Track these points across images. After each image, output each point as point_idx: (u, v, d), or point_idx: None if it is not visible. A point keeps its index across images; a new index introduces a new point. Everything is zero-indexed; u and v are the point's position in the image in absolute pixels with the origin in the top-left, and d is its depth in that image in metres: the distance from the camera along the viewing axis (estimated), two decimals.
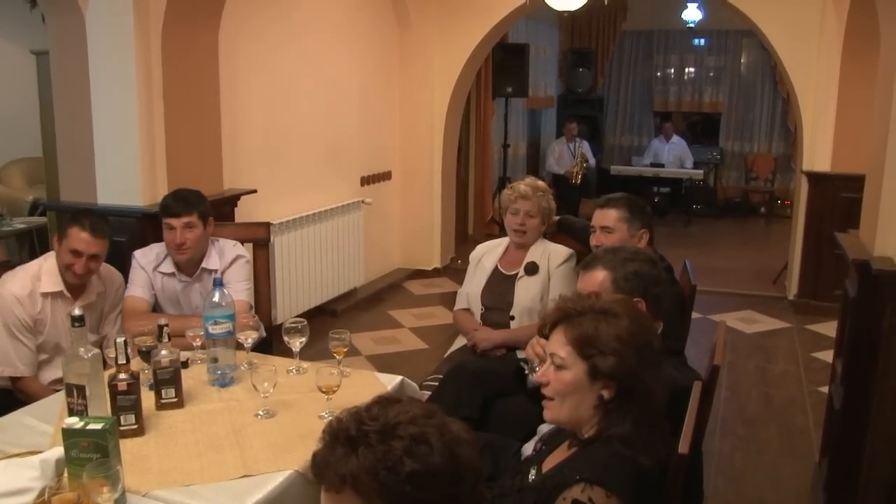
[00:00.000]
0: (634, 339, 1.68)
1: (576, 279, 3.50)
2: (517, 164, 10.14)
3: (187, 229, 3.11)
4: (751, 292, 6.79)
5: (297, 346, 2.64)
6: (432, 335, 5.61)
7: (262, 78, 5.09)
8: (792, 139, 10.63)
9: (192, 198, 3.17)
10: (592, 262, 2.31)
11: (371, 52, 6.57)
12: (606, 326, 1.70)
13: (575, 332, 1.72)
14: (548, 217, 3.53)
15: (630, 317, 1.72)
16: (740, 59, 11.47)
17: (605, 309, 1.74)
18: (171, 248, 3.15)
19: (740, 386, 4.81)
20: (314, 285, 5.68)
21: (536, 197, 3.48)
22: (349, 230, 6.11)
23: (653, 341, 1.72)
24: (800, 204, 6.29)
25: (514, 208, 3.50)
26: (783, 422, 4.30)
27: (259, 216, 4.89)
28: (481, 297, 3.50)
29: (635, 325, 1.71)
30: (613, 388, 1.68)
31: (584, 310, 1.75)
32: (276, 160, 5.31)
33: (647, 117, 12.13)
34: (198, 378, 2.61)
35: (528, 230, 3.48)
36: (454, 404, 2.73)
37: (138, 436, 2.18)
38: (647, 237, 3.01)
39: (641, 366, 1.67)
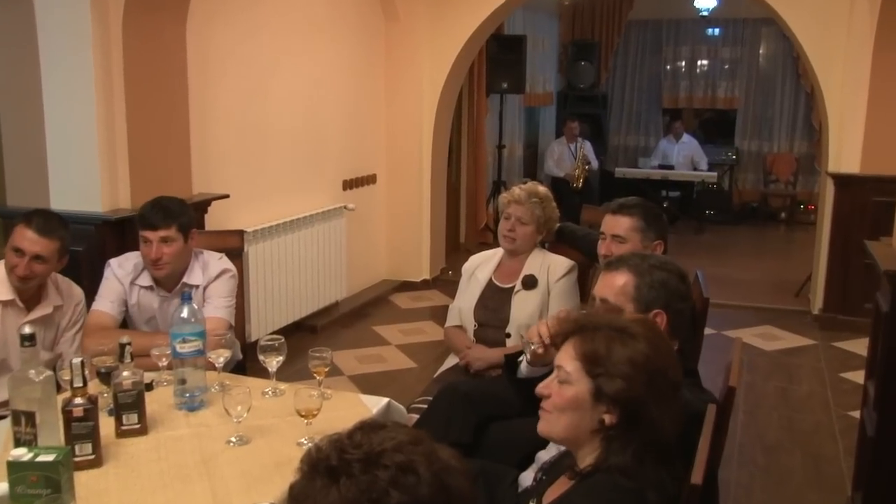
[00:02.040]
0: (648, 365, 1.68)
1: (578, 293, 3.55)
2: (513, 166, 10.16)
3: (164, 244, 3.05)
4: (770, 306, 6.80)
5: (274, 366, 2.63)
6: (421, 353, 5.60)
7: (235, 72, 5.09)
8: (816, 138, 10.67)
9: (173, 208, 3.11)
10: (617, 264, 2.31)
11: (355, 45, 6.58)
12: (620, 347, 1.70)
13: (585, 347, 1.73)
14: (544, 226, 3.54)
15: (648, 340, 1.71)
16: (758, 50, 11.52)
17: (622, 328, 1.74)
18: (146, 262, 3.12)
19: (759, 409, 4.81)
20: (292, 299, 5.67)
21: (530, 203, 3.48)
22: (330, 238, 6.10)
23: (669, 371, 1.71)
24: (825, 209, 6.28)
25: (507, 213, 3.53)
26: (809, 449, 4.28)
27: (232, 223, 4.89)
28: (474, 313, 3.51)
29: (652, 350, 1.70)
30: (616, 413, 1.68)
31: (600, 325, 1.75)
32: (250, 162, 5.31)
33: (655, 115, 12.18)
34: (164, 402, 2.60)
35: (518, 238, 3.49)
36: (445, 429, 2.73)
37: (95, 467, 2.16)
38: (661, 249, 3.02)
39: (650, 395, 1.67)
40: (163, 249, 3.06)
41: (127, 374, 2.36)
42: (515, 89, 8.73)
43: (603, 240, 3.08)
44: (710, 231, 10.36)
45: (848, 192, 6.05)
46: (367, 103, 6.88)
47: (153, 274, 3.13)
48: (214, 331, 2.81)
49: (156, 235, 3.05)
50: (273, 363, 2.63)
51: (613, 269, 2.30)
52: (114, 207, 4.11)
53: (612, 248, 3.01)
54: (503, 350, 3.36)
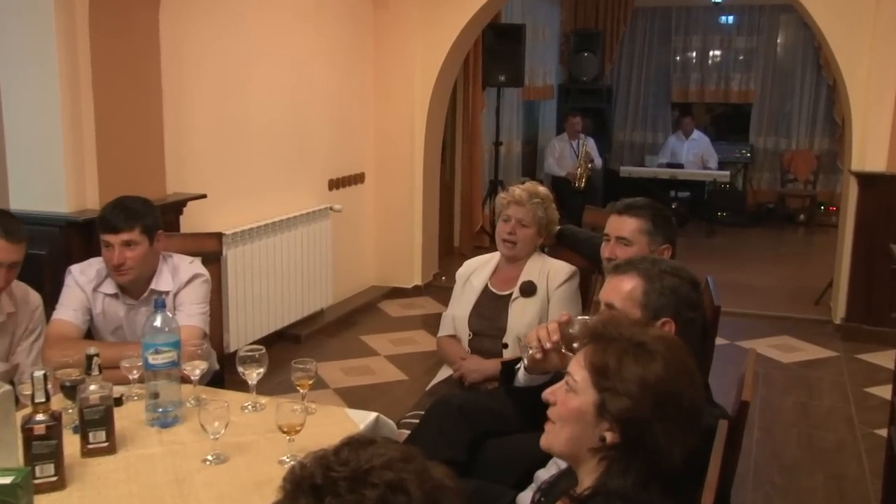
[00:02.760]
0: (659, 387, 1.66)
1: (579, 301, 3.55)
2: (511, 164, 10.17)
3: (127, 248, 3.03)
4: (788, 315, 6.81)
5: (254, 379, 2.63)
6: (412, 364, 5.60)
7: (213, 64, 5.09)
8: (838, 133, 10.72)
9: (136, 209, 3.09)
10: (626, 267, 2.31)
11: (341, 34, 6.58)
12: (632, 363, 1.69)
13: (596, 357, 1.73)
14: (546, 229, 3.55)
15: (667, 361, 1.69)
16: (776, 39, 11.54)
17: (641, 343, 1.72)
18: (109, 268, 3.11)
19: (777, 426, 4.80)
20: (274, 306, 5.67)
21: (532, 204, 3.49)
22: (315, 241, 6.10)
23: (684, 397, 1.68)
24: (847, 210, 6.28)
25: (506, 215, 3.53)
26: (831, 470, 4.26)
27: (209, 225, 4.88)
28: (469, 322, 3.51)
29: (668, 373, 1.68)
30: (618, 433, 1.68)
31: (617, 335, 1.74)
32: (229, 160, 5.31)
33: (664, 110, 12.22)
34: (134, 417, 2.59)
35: (519, 241, 3.49)
36: (437, 445, 2.73)
37: (58, 490, 2.15)
38: (668, 253, 3.02)
39: (658, 419, 1.65)
40: (126, 254, 3.03)
41: (94, 388, 2.34)
42: (513, 82, 8.74)
43: (607, 242, 3.08)
44: (722, 234, 10.38)
45: (873, 193, 6.05)
46: (355, 97, 6.88)
47: (116, 280, 3.12)
48: (189, 340, 2.80)
49: (118, 239, 3.03)
50: (253, 375, 2.62)
51: (621, 272, 2.30)
52: (80, 208, 4.09)
53: (617, 251, 3.01)
54: (500, 361, 3.36)
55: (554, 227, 3.62)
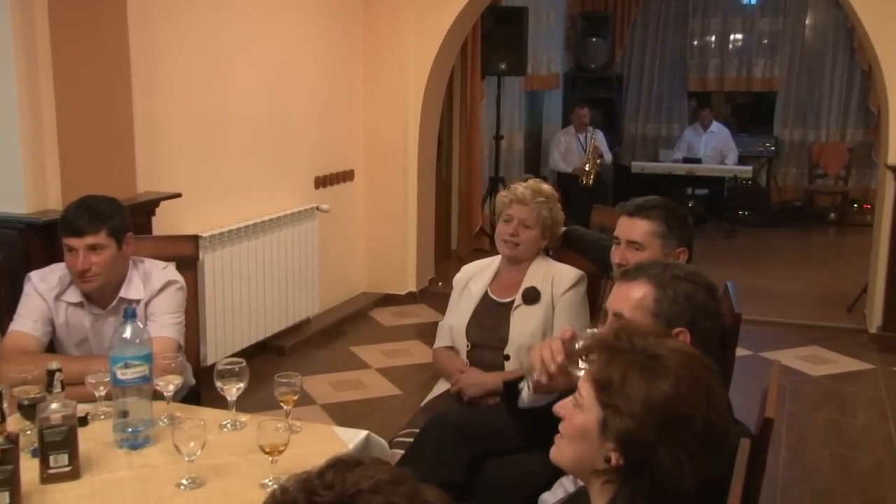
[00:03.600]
0: (665, 408, 1.64)
1: (587, 308, 3.55)
2: (513, 160, 10.17)
3: (92, 252, 3.01)
4: (817, 323, 6.81)
5: (234, 394, 2.62)
6: (406, 378, 5.59)
7: (189, 53, 5.09)
8: (873, 124, 10.71)
9: (102, 209, 3.07)
10: (635, 273, 2.30)
11: (327, 20, 6.59)
12: (637, 379, 1.67)
13: (600, 371, 1.72)
14: (550, 230, 3.55)
15: (678, 380, 1.66)
16: (804, 20, 11.52)
17: (654, 355, 1.70)
18: (72, 274, 3.09)
19: (806, 445, 4.78)
20: (255, 315, 5.67)
21: (536, 203, 3.49)
22: (300, 244, 6.10)
23: (694, 419, 1.65)
24: (884, 208, 6.29)
25: (507, 214, 3.53)
26: (869, 495, 4.24)
27: (184, 227, 4.88)
28: (468, 332, 3.51)
29: (677, 392, 1.65)
30: (620, 455, 1.67)
31: (628, 347, 1.73)
32: (206, 156, 5.31)
33: (680, 100, 12.24)
34: (101, 438, 2.58)
35: (522, 243, 3.49)
36: (433, 466, 2.73)
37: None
38: (685, 257, 3.01)
39: (663, 443, 1.63)
40: (91, 259, 3.01)
41: (56, 407, 2.33)
42: (515, 70, 8.73)
43: (617, 246, 3.08)
44: (743, 235, 10.39)
45: None
46: (343, 88, 6.88)
47: (81, 288, 3.10)
48: (162, 353, 2.80)
49: (82, 243, 3.01)
50: (233, 391, 2.62)
51: (630, 278, 2.29)
52: (41, 209, 4.08)
53: (628, 255, 3.00)
54: (501, 375, 3.36)
55: (559, 229, 3.62)
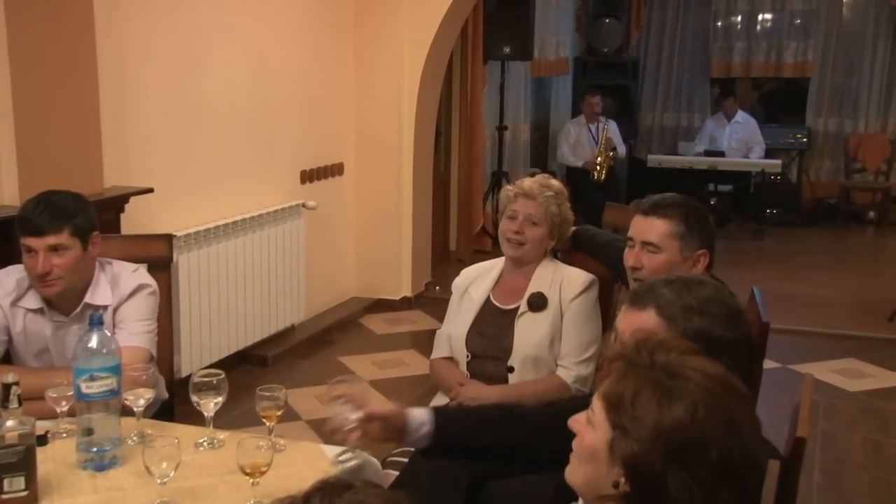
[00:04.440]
0: (677, 435, 1.61)
1: (598, 316, 3.54)
2: (517, 153, 10.18)
3: (54, 253, 2.99)
4: (855, 333, 6.80)
5: (211, 409, 2.62)
6: (400, 391, 5.60)
7: (161, 36, 5.08)
8: None
9: (65, 206, 3.04)
10: (643, 300, 2.21)
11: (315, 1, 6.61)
12: (649, 400, 1.64)
13: (611, 386, 1.71)
14: (559, 230, 3.54)
15: (695, 403, 1.63)
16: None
17: (673, 374, 1.67)
18: (32, 278, 3.08)
19: (843, 468, 4.76)
20: (235, 322, 5.66)
21: (544, 198, 3.49)
22: (285, 245, 6.10)
23: (710, 448, 1.62)
24: None
25: (512, 210, 3.52)
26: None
27: (156, 225, 4.88)
28: (468, 341, 3.50)
29: (692, 417, 1.62)
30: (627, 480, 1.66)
31: (646, 361, 1.71)
32: (180, 148, 5.30)
33: (702, 87, 12.25)
34: (63, 459, 2.56)
35: (528, 242, 3.48)
36: (430, 489, 2.73)
37: None
38: (705, 260, 3.00)
39: (670, 470, 1.60)
40: (52, 261, 2.98)
41: (12, 425, 2.32)
42: (521, 55, 8.74)
43: (631, 248, 3.07)
44: (772, 236, 10.40)
45: None
46: (332, 74, 6.88)
47: (41, 293, 3.08)
48: (132, 364, 2.79)
49: (42, 243, 2.98)
50: (210, 405, 2.61)
51: (638, 306, 2.22)
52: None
53: (643, 258, 3.00)
54: (506, 388, 3.37)
55: (568, 228, 3.61)
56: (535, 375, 3.38)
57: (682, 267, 2.93)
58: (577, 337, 3.42)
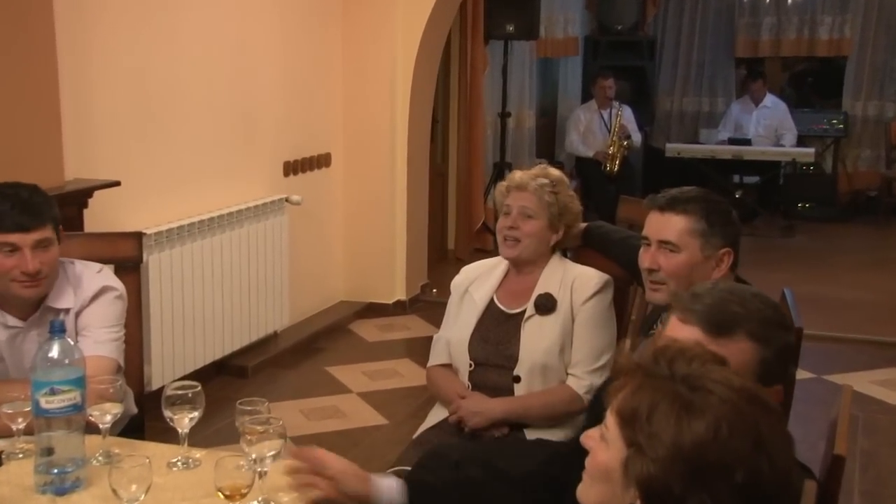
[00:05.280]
0: (699, 453, 1.60)
1: (613, 320, 3.53)
2: (522, 142, 10.18)
3: (40, 250, 2.99)
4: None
5: (186, 426, 2.61)
6: (394, 405, 5.60)
7: (129, 14, 5.08)
8: None
9: (37, 200, 3.02)
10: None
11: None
12: (666, 415, 1.62)
13: (627, 399, 1.69)
14: (560, 220, 3.52)
15: (719, 420, 1.61)
16: None
17: (695, 386, 1.65)
18: (6, 280, 3.06)
19: (885, 489, 4.76)
20: (212, 329, 5.66)
21: (537, 186, 3.47)
22: (266, 244, 6.10)
23: (735, 469, 1.60)
24: None
25: (505, 206, 3.52)
26: None
27: (124, 223, 4.87)
28: (470, 348, 3.50)
29: (715, 436, 1.60)
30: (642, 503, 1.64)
31: (665, 372, 1.69)
32: (151, 136, 5.29)
33: (726, 68, 12.25)
34: (19, 482, 2.55)
35: (524, 237, 3.47)
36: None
37: None
38: (728, 260, 3.00)
39: (690, 494, 1.59)
40: (40, 258, 2.98)
41: None
42: (525, 34, 8.75)
43: (646, 247, 3.06)
44: (804, 232, 10.40)
45: None
46: (318, 56, 6.89)
47: (22, 294, 3.05)
48: (97, 376, 2.78)
49: (28, 239, 2.96)
50: (184, 421, 2.60)
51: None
52: None
53: (660, 258, 2.98)
54: (512, 401, 3.37)
55: (574, 221, 3.59)
56: (544, 385, 3.37)
57: (704, 268, 2.93)
58: (590, 343, 3.41)
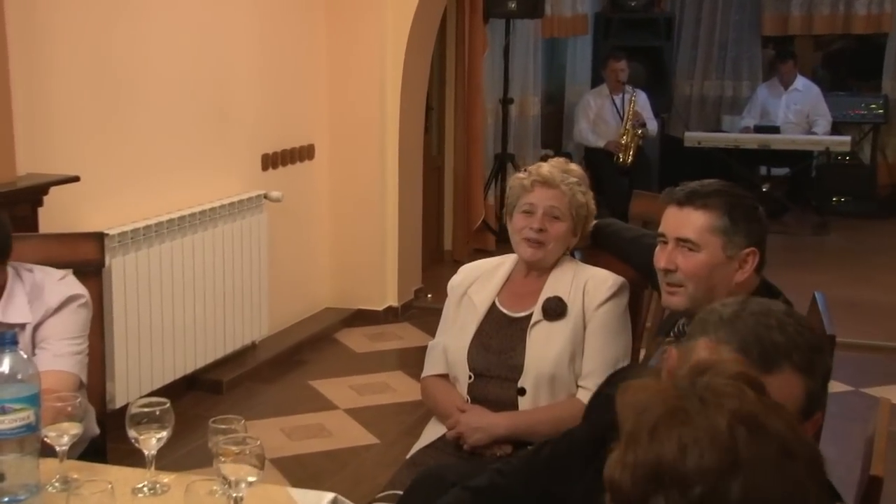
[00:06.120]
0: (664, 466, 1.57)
1: (629, 327, 3.54)
2: (525, 132, 10.20)
3: None
4: None
5: (153, 447, 2.61)
6: (385, 422, 5.61)
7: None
8: None
9: None
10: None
11: None
12: (699, 459, 1.62)
13: (643, 449, 1.66)
14: (582, 225, 3.53)
15: (757, 474, 1.57)
16: None
17: (756, 425, 1.58)
18: None
19: None
20: (182, 340, 5.65)
21: (568, 186, 3.47)
22: (243, 245, 6.10)
23: (695, 486, 1.56)
24: None
25: (528, 203, 3.49)
26: None
27: (84, 222, 4.88)
28: (469, 356, 3.49)
29: (745, 497, 1.61)
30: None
31: (696, 406, 1.66)
32: (113, 127, 5.29)
33: (752, 47, 12.27)
34: None
35: (550, 241, 3.47)
36: None
37: None
38: (754, 261, 2.99)
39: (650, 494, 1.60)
40: None
41: None
42: (529, 11, 8.76)
43: (663, 246, 3.06)
44: (839, 230, 10.38)
45: None
46: (299, 37, 6.90)
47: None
48: (55, 392, 2.78)
49: None
50: (151, 442, 2.60)
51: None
52: None
53: (678, 258, 2.98)
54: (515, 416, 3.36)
55: (590, 224, 3.59)
56: (552, 399, 3.37)
57: (726, 269, 2.93)
58: (604, 351, 3.41)
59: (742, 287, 2.88)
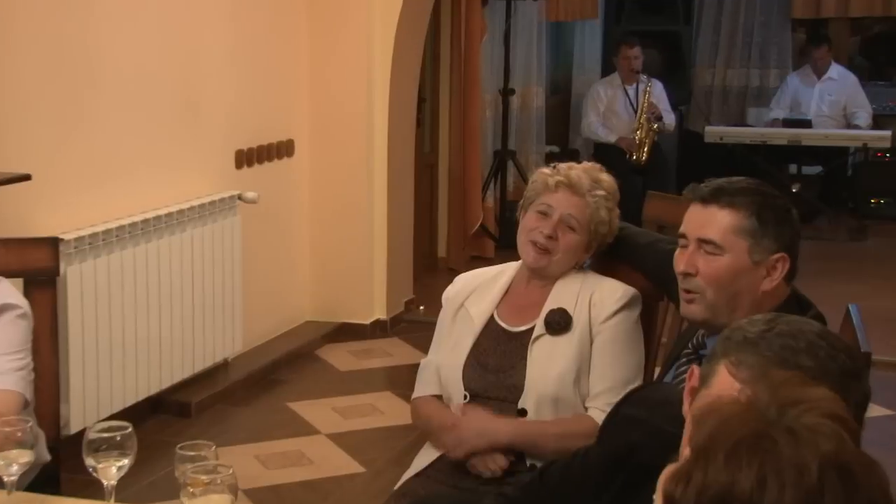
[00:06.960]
0: None
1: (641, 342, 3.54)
2: (528, 126, 10.19)
3: None
4: None
5: (113, 476, 2.61)
6: (371, 448, 5.62)
7: None
8: None
9: None
10: (741, 361, 2.17)
11: None
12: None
13: (718, 470, 1.64)
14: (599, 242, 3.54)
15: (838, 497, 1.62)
16: None
17: (844, 469, 1.64)
18: None
19: None
20: (146, 358, 5.64)
21: (595, 198, 3.47)
22: (214, 251, 6.11)
23: None
24: None
25: (546, 203, 3.49)
26: None
27: (35, 225, 4.87)
28: (465, 374, 3.49)
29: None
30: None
31: (768, 446, 1.65)
32: (69, 121, 5.29)
33: (781, 33, 12.29)
34: None
35: (560, 251, 3.47)
36: None
37: None
38: (783, 268, 2.99)
39: None
40: None
41: None
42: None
43: (683, 248, 3.06)
44: (878, 234, 10.42)
45: None
46: (277, 23, 6.92)
47: None
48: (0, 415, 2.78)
49: None
50: (111, 471, 2.60)
51: (734, 363, 2.17)
52: None
53: (698, 261, 2.98)
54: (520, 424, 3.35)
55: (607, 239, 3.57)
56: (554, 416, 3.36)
57: (751, 276, 2.92)
58: (614, 369, 3.40)
59: (769, 297, 2.87)
